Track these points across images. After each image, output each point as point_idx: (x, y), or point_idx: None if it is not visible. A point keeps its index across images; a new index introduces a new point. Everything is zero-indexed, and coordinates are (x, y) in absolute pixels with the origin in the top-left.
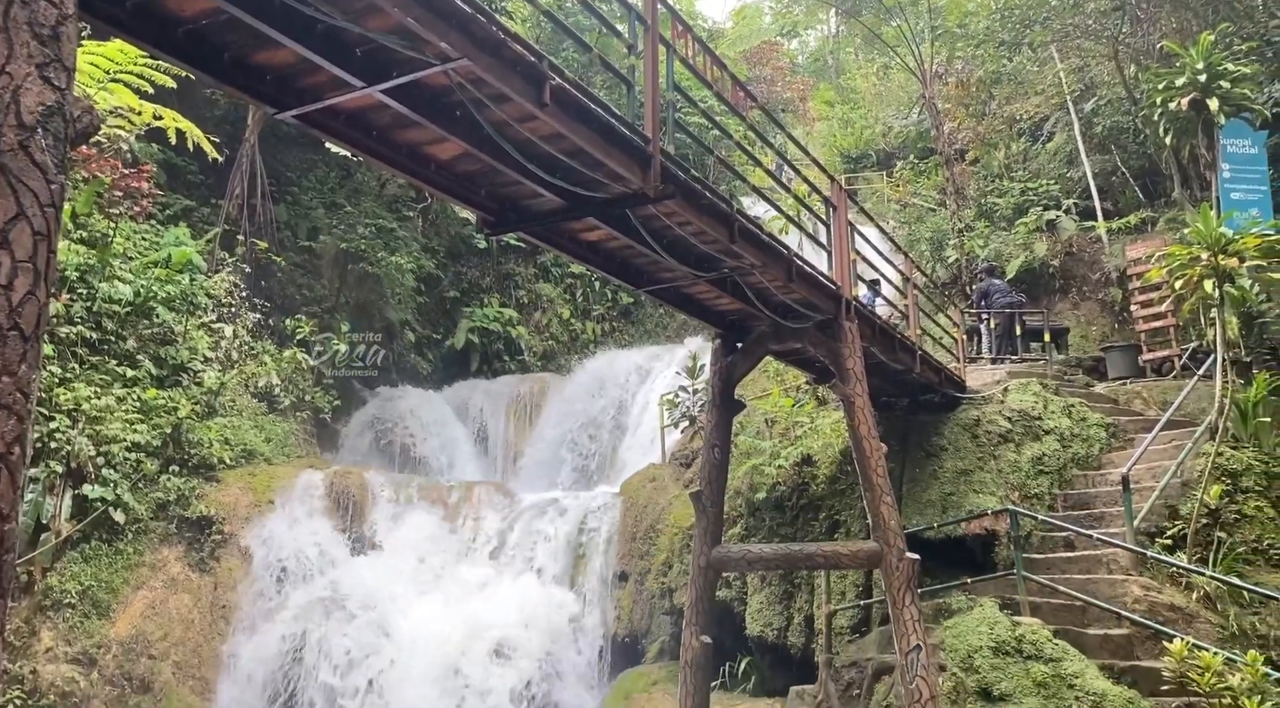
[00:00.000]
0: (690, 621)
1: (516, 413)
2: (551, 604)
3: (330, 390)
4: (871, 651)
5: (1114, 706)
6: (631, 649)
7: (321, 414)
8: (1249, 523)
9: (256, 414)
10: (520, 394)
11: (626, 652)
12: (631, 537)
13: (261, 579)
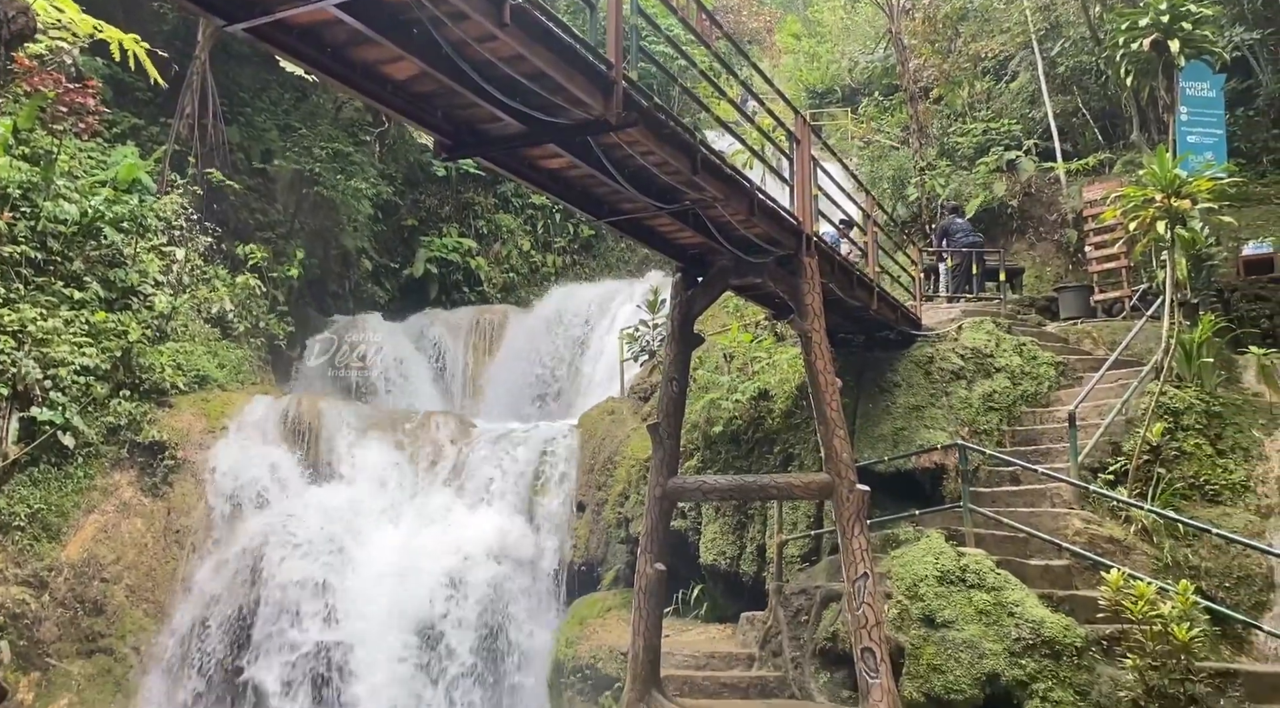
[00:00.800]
0: (645, 549)
1: (475, 344)
2: (509, 533)
3: (285, 318)
4: (821, 579)
5: (1051, 632)
6: (588, 577)
7: (276, 342)
8: (1188, 460)
9: (209, 340)
10: (479, 325)
11: (583, 579)
12: (589, 468)
13: (216, 505)
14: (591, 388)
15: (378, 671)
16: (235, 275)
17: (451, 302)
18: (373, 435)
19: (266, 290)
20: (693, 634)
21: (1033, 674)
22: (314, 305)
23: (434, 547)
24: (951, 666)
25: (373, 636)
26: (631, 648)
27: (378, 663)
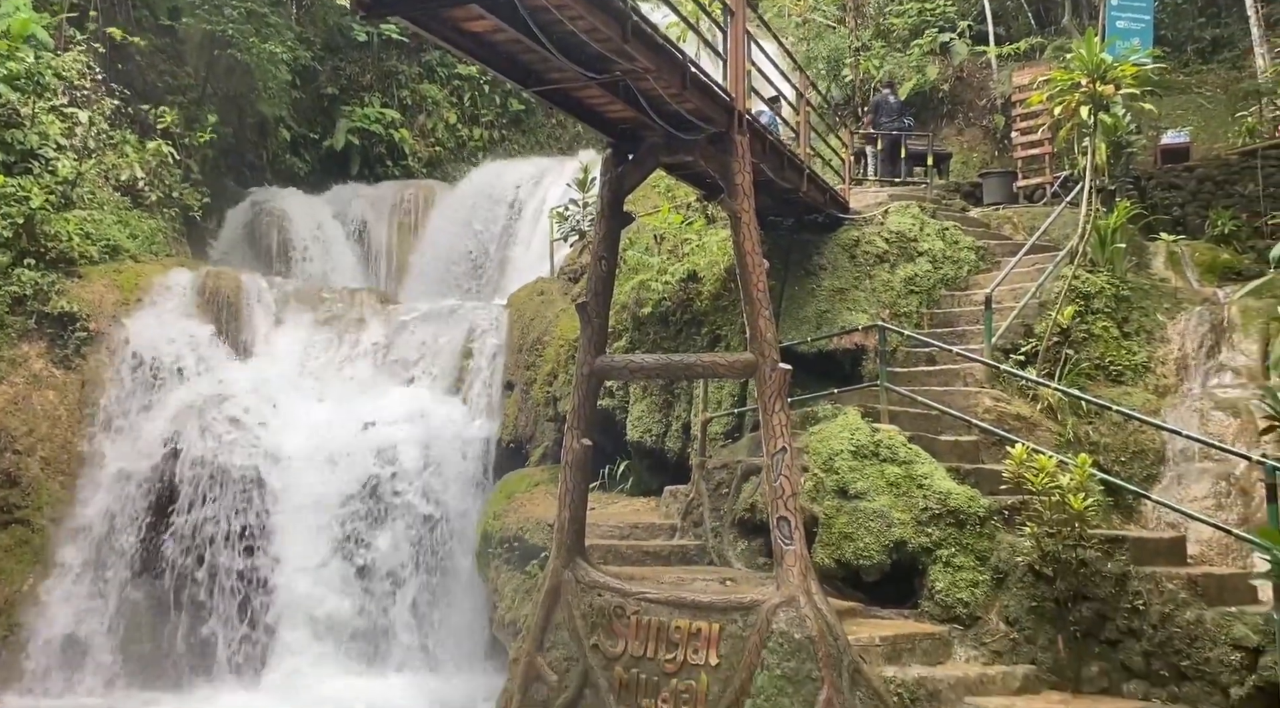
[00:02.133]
0: (572, 425)
1: (400, 221)
2: (437, 411)
3: (200, 188)
4: (742, 454)
5: (956, 502)
6: (516, 454)
7: (191, 213)
8: (1095, 341)
9: (119, 209)
10: (404, 201)
11: (511, 456)
12: (518, 348)
13: (132, 379)
14: (521, 268)
15: (303, 545)
16: (145, 142)
17: (374, 176)
18: (294, 311)
19: (179, 159)
20: (618, 507)
21: (937, 542)
22: (230, 176)
23: (360, 424)
24: (862, 534)
25: (298, 511)
26: (558, 519)
27: (303, 538)
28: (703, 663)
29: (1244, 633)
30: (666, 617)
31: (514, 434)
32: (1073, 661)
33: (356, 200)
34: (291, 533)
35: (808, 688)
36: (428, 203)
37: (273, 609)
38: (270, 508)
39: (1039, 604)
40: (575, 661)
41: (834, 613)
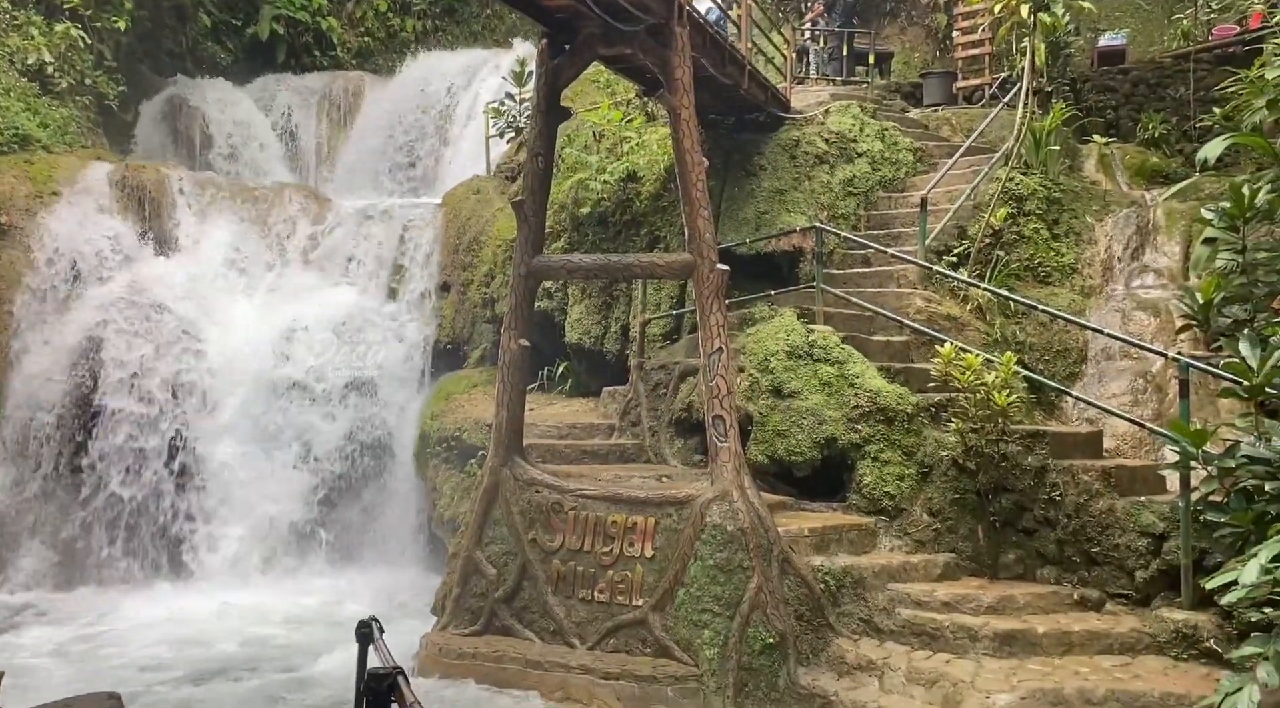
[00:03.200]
0: (509, 325)
1: (329, 114)
2: (372, 312)
3: (115, 76)
4: (680, 355)
5: (886, 400)
6: (453, 355)
7: (107, 102)
8: (1026, 243)
9: (28, 95)
10: (333, 93)
11: (448, 358)
12: (454, 249)
13: (50, 275)
14: (455, 166)
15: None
16: (52, 24)
17: (301, 67)
18: (220, 207)
19: (90, 44)
20: (556, 408)
21: (866, 438)
22: (148, 64)
23: (293, 323)
24: (794, 431)
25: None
26: (496, 418)
27: (232, 437)
28: (638, 555)
29: (1151, 521)
30: (603, 512)
31: (451, 336)
32: (991, 549)
33: (282, 92)
34: (220, 432)
35: (739, 577)
36: (358, 96)
37: (203, 507)
38: (197, 407)
39: (961, 496)
40: (513, 555)
41: (765, 506)
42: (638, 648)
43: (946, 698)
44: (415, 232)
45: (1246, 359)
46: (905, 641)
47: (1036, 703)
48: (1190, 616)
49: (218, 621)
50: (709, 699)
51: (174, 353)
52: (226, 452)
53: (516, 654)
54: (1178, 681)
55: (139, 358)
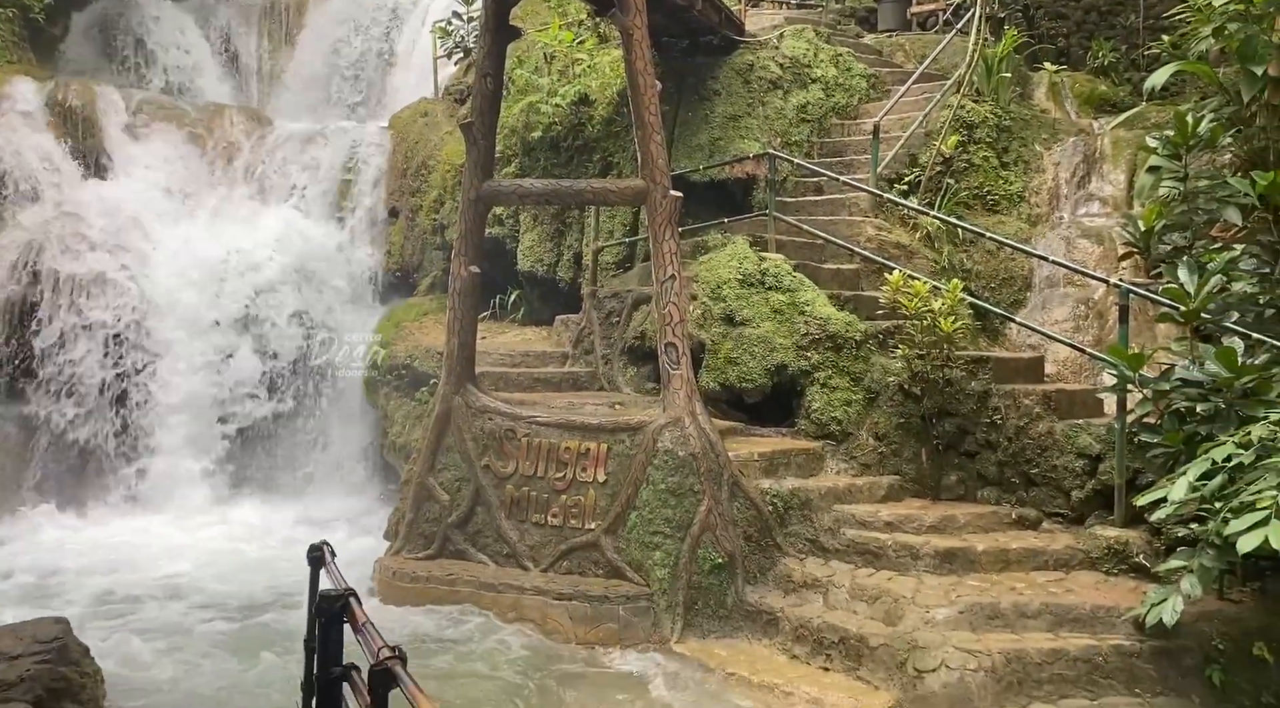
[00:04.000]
0: (460, 251)
1: (270, 31)
2: (319, 238)
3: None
4: (633, 284)
5: (835, 328)
6: (403, 283)
7: (32, 15)
8: (975, 171)
9: None
10: (274, 9)
11: (398, 285)
12: (402, 173)
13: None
14: (403, 87)
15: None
16: None
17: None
18: (157, 128)
19: None
20: (509, 336)
21: (816, 365)
22: None
23: (236, 249)
24: (746, 359)
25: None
26: (447, 346)
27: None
28: (591, 480)
29: (1088, 443)
30: (556, 438)
31: (400, 263)
32: (934, 471)
33: (222, 6)
34: (162, 359)
35: (689, 500)
36: (300, 12)
37: (150, 433)
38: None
39: (906, 421)
40: (467, 481)
41: (716, 432)
42: (590, 570)
43: (888, 613)
44: (362, 156)
45: (1184, 285)
46: (850, 559)
47: (974, 617)
48: (1122, 533)
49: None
50: (659, 617)
51: (110, 277)
52: (169, 379)
53: (470, 577)
54: (1108, 594)
55: (79, 282)
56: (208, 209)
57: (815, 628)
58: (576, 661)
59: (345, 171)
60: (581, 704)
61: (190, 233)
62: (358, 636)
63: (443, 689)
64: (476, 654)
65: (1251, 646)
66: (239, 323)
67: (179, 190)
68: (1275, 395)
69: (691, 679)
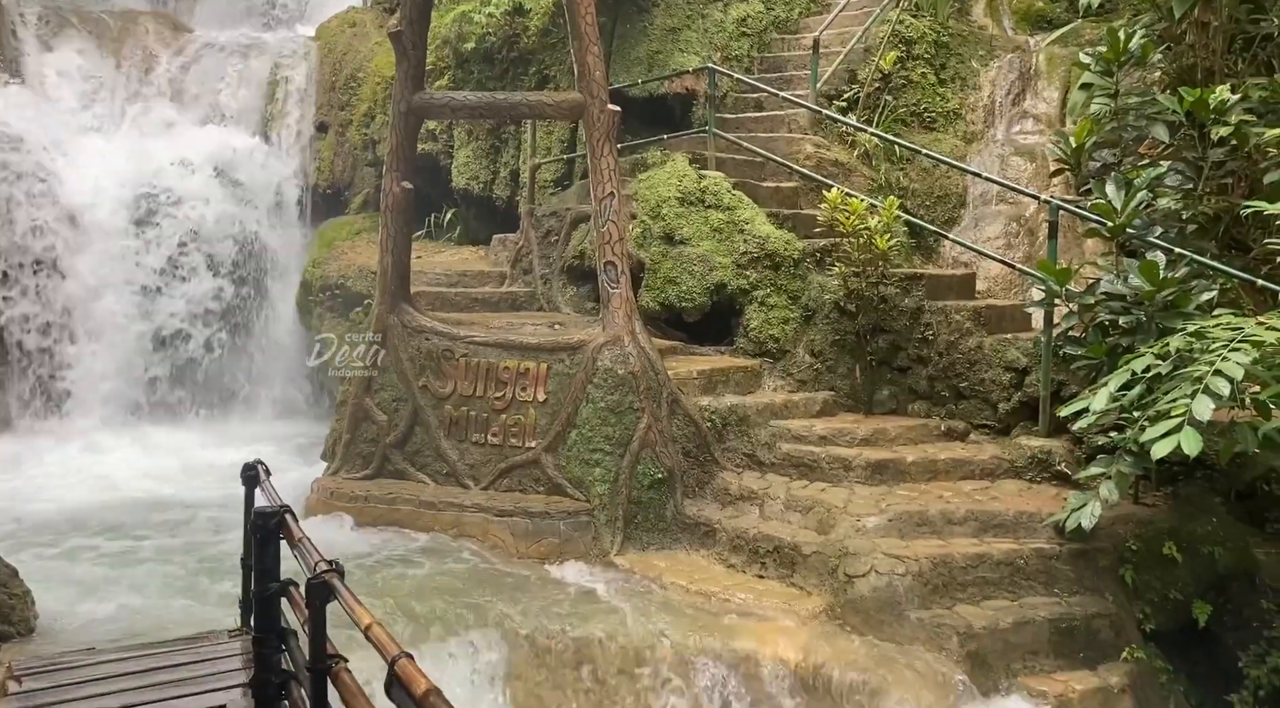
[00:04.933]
0: (391, 167)
1: None
2: (245, 153)
3: None
4: (571, 202)
5: (773, 246)
6: (334, 201)
7: None
8: (913, 88)
9: None
10: None
11: (329, 203)
12: (330, 86)
13: None
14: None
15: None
16: None
17: None
18: (67, 36)
19: None
20: (445, 256)
21: (754, 283)
22: None
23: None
24: (685, 278)
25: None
26: (380, 265)
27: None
28: (531, 399)
29: (1015, 356)
30: (495, 358)
31: (331, 180)
32: (867, 386)
33: None
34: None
35: (629, 418)
36: None
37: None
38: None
39: (841, 338)
40: (404, 401)
41: (655, 351)
42: (531, 487)
43: (821, 522)
44: (288, 67)
45: (1111, 201)
46: (785, 472)
47: (902, 524)
48: (1045, 442)
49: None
50: (600, 532)
51: (24, 193)
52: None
53: (410, 496)
54: (1031, 500)
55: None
56: (124, 123)
57: (751, 538)
58: (519, 573)
59: (270, 84)
60: (529, 609)
61: (106, 148)
62: (294, 551)
63: (385, 602)
64: (419, 569)
65: (1162, 546)
66: (160, 243)
67: (94, 103)
68: (1193, 308)
69: (631, 588)
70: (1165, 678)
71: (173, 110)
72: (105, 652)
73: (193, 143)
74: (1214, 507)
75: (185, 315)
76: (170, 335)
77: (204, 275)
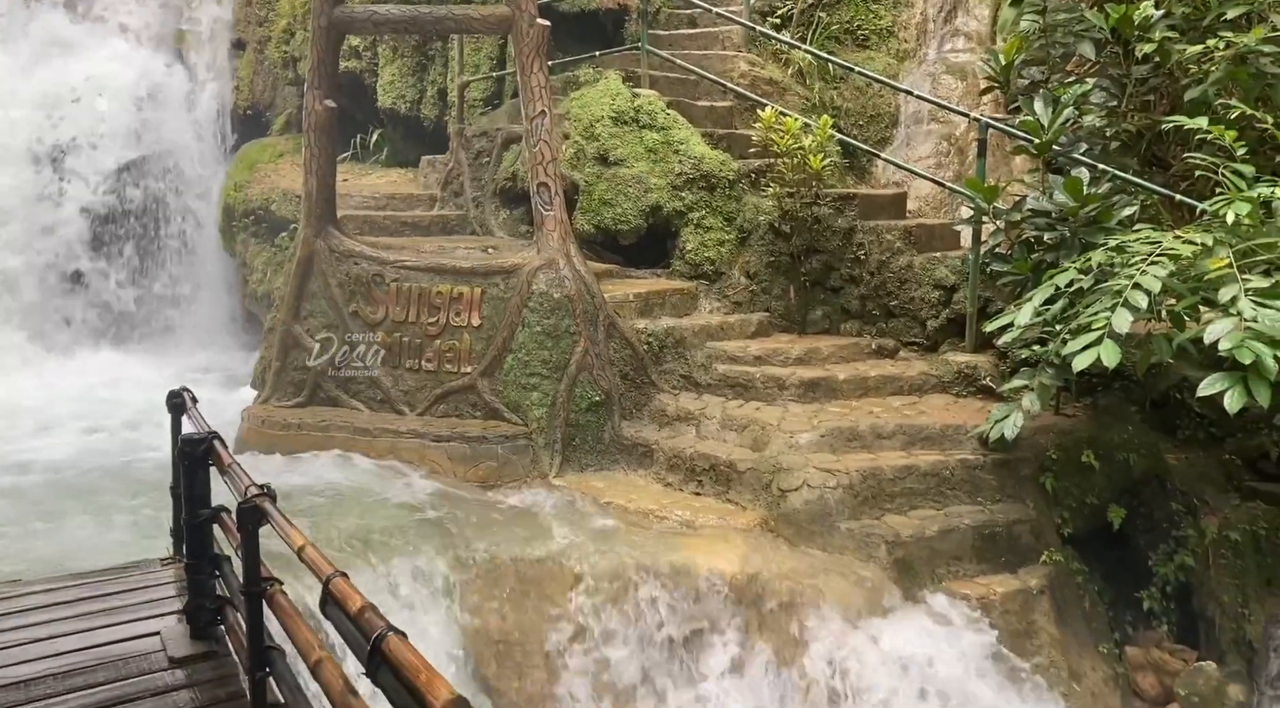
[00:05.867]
0: (313, 84)
1: None
2: (156, 72)
3: None
4: (502, 121)
5: (709, 167)
6: (255, 122)
7: None
8: (846, 5)
9: None
10: None
11: (250, 124)
12: (247, 0)
13: None
14: None
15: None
16: None
17: None
18: None
19: None
20: (373, 179)
21: (690, 205)
22: None
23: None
24: (620, 200)
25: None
26: (305, 187)
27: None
28: (465, 325)
29: (944, 274)
30: (428, 283)
31: (251, 100)
32: (801, 307)
33: None
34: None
35: (565, 342)
36: None
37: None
38: None
39: (776, 259)
40: (335, 328)
41: (591, 274)
42: (468, 412)
43: (756, 440)
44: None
45: (1039, 118)
46: (721, 393)
47: (834, 440)
48: (971, 358)
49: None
50: (538, 455)
51: None
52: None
53: (344, 423)
54: (957, 414)
55: None
56: (22, 37)
57: (688, 457)
58: (458, 496)
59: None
60: (469, 531)
61: (10, 66)
62: (225, 478)
63: (324, 525)
64: (356, 493)
65: (1081, 454)
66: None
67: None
68: (1115, 223)
69: (570, 509)
70: (1081, 579)
71: (73, 25)
72: (32, 584)
73: (98, 60)
74: (1130, 416)
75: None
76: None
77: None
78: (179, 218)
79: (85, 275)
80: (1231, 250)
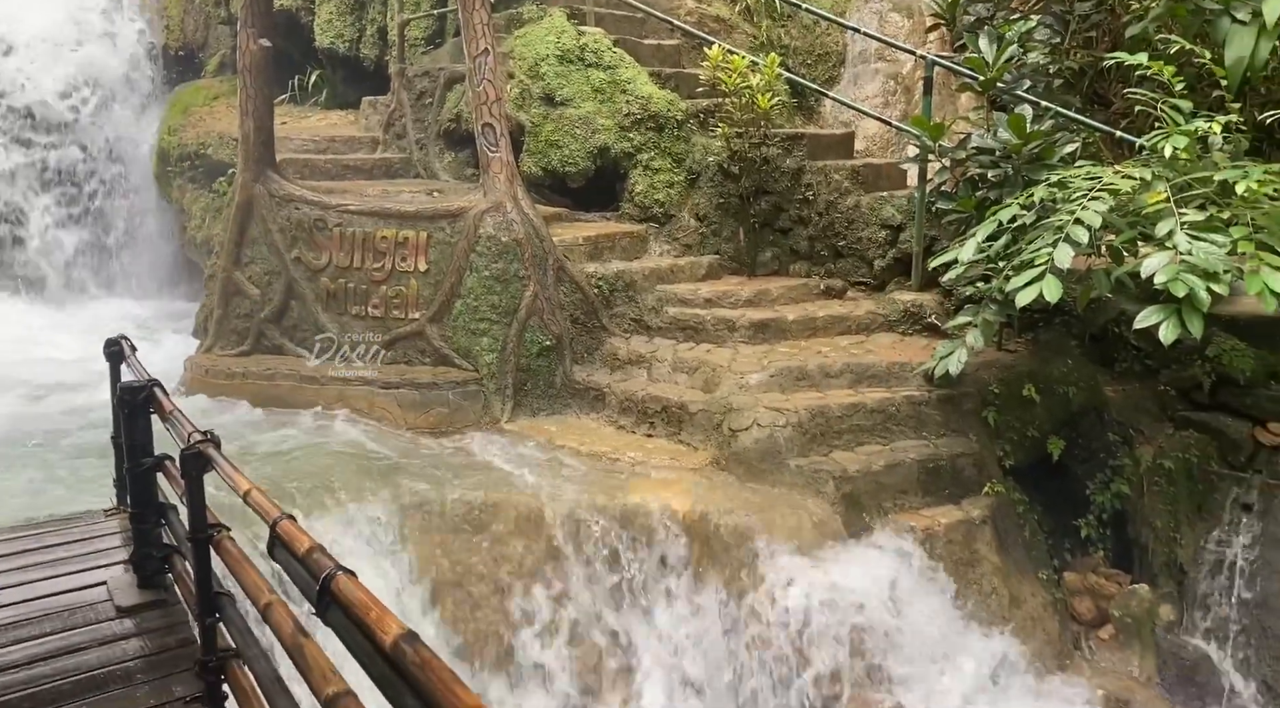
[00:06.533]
0: (245, 23)
1: None
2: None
3: None
4: (445, 61)
5: (657, 107)
6: (188, 63)
7: None
8: None
9: None
10: None
11: (182, 66)
12: None
13: None
14: None
15: None
16: None
17: None
18: None
19: None
20: (312, 121)
21: (638, 147)
22: None
23: None
24: (568, 141)
25: None
26: (241, 129)
27: None
28: (412, 270)
29: (891, 214)
30: (371, 228)
31: (182, 40)
32: (750, 249)
33: None
34: None
35: (514, 286)
36: None
37: None
38: None
39: (725, 201)
40: (278, 274)
41: (540, 217)
42: (417, 359)
43: (707, 382)
44: None
45: (984, 55)
46: (672, 335)
47: (783, 379)
48: (917, 296)
49: None
50: (489, 400)
51: None
52: None
53: (290, 371)
54: (903, 351)
55: None
56: None
57: (640, 400)
58: (409, 443)
59: None
60: (421, 476)
61: None
62: (166, 425)
63: (271, 475)
64: (304, 442)
65: (1022, 388)
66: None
67: None
68: (1057, 160)
69: (522, 453)
70: (1022, 508)
71: None
72: None
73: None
74: (1070, 350)
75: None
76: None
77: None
78: (111, 164)
79: (11, 221)
80: (1169, 185)
